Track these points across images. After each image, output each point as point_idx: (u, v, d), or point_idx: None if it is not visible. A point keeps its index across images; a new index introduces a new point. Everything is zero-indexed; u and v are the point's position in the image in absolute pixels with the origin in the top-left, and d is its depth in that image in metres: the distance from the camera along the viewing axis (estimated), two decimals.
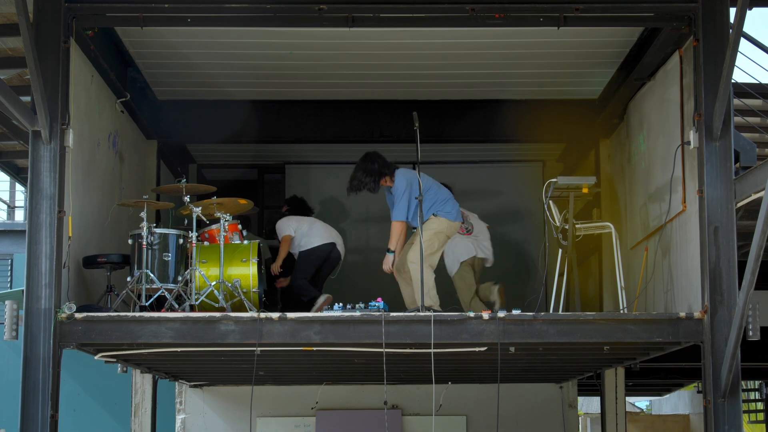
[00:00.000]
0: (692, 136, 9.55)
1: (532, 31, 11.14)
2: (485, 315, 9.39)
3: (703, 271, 9.28)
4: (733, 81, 9.48)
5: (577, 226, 11.18)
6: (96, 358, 10.45)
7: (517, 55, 12.05)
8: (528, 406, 15.73)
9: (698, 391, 25.21)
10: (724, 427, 9.07)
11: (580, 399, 23.86)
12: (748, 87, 12.11)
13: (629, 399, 37.32)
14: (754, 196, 9.06)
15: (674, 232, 10.30)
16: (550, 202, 11.16)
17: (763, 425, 24.23)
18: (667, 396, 35.10)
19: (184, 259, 10.56)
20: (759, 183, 8.87)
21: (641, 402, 44.73)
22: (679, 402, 36.44)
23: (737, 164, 9.59)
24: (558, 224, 11.23)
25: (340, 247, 13.43)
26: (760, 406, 24.22)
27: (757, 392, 23.98)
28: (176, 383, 15.50)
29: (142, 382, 13.60)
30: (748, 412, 25.11)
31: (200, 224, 10.87)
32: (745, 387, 23.94)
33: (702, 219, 9.35)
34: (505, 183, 16.35)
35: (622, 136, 12.55)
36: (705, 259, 9.26)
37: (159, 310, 10.19)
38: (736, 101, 11.47)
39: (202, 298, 10.31)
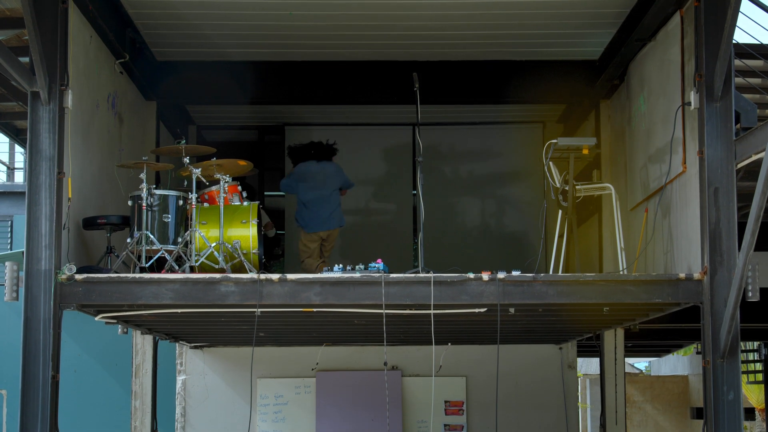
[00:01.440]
0: (693, 97, 9.53)
1: None
2: (485, 276, 9.40)
3: (702, 232, 9.28)
4: (734, 41, 9.44)
5: (577, 187, 11.17)
6: (96, 319, 10.47)
7: (518, 16, 12.00)
8: (527, 367, 15.78)
9: (697, 352, 25.35)
10: (722, 388, 9.10)
11: (580, 360, 23.95)
12: (749, 47, 12.06)
13: (628, 360, 37.45)
14: (754, 157, 9.05)
15: (674, 193, 10.29)
16: (551, 163, 11.14)
17: (762, 386, 24.34)
18: (666, 357, 35.23)
19: (183, 221, 10.56)
20: (759, 144, 8.86)
21: (640, 363, 44.90)
22: (678, 363, 36.56)
23: (738, 125, 9.57)
24: (558, 185, 11.22)
25: None
26: (759, 366, 24.30)
27: (756, 353, 24.05)
28: (177, 344, 15.55)
29: (142, 343, 13.63)
30: (747, 372, 25.21)
31: (200, 185, 10.86)
32: (744, 348, 24.01)
33: (702, 180, 9.34)
34: (505, 144, 16.33)
35: (622, 97, 12.52)
36: (705, 220, 9.25)
37: (159, 271, 10.20)
38: (737, 62, 11.42)
39: (202, 259, 10.31)
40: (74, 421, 16.85)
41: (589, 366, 36.29)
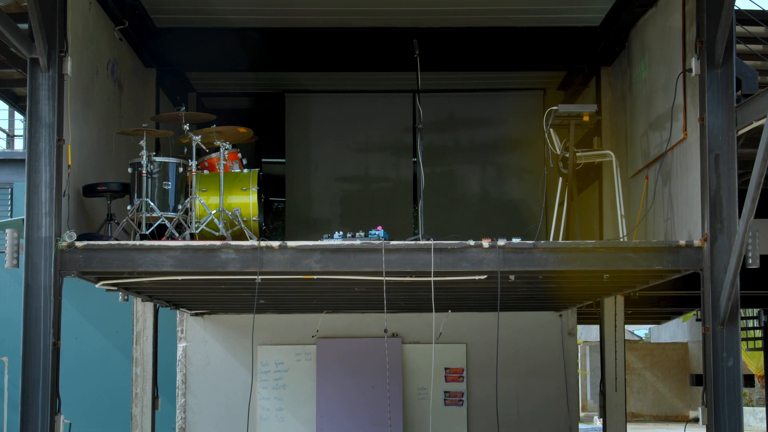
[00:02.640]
0: (694, 64, 9.50)
1: None
2: (485, 243, 9.40)
3: (703, 199, 9.27)
4: (735, 8, 9.40)
5: (577, 154, 11.16)
6: (97, 286, 10.48)
7: None
8: (527, 334, 15.82)
9: (697, 319, 25.38)
10: (722, 355, 9.12)
11: (580, 327, 24.01)
12: (750, 14, 12.01)
13: (628, 327, 37.54)
14: (755, 124, 9.03)
15: (675, 160, 10.28)
16: (551, 130, 11.13)
17: (762, 353, 24.40)
18: (666, 324, 35.32)
19: (184, 188, 10.55)
20: (760, 110, 8.84)
21: (640, 330, 45.02)
22: (677, 330, 36.68)
23: (739, 92, 9.54)
24: (558, 152, 11.21)
25: None
26: (758, 333, 24.34)
27: (755, 320, 24.09)
28: (177, 312, 15.58)
29: (143, 310, 13.65)
30: (747, 339, 25.26)
31: (200, 153, 10.85)
32: (743, 315, 24.04)
33: (703, 147, 9.33)
34: (505, 111, 16.30)
35: (623, 63, 12.48)
36: (705, 187, 9.25)
37: (159, 238, 10.21)
38: (738, 28, 11.38)
39: (203, 226, 10.32)
40: (75, 387, 16.90)
41: (589, 333, 36.40)
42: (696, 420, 14.67)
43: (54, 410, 8.93)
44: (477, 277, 9.73)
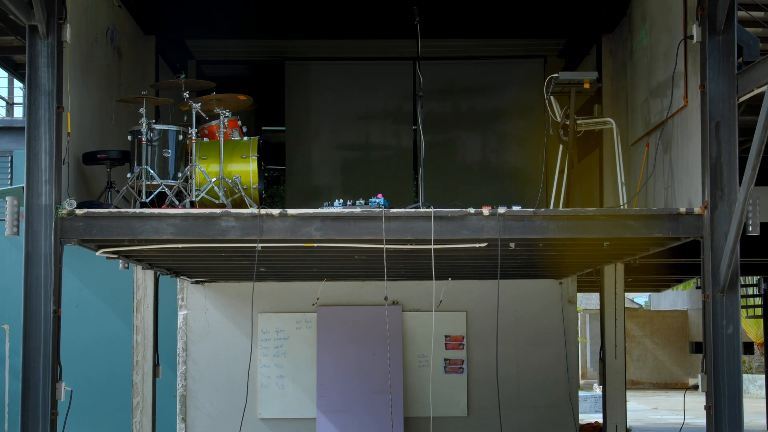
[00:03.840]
0: (695, 31, 9.46)
1: None
2: (485, 211, 9.39)
3: (703, 166, 9.26)
4: None
5: (578, 121, 11.14)
6: (97, 254, 10.48)
7: None
8: (528, 302, 15.85)
9: (697, 287, 25.41)
10: (722, 322, 9.13)
11: (580, 295, 24.05)
12: None
13: (628, 295, 37.61)
14: (756, 91, 9.01)
15: (675, 128, 10.26)
16: (551, 97, 11.10)
17: (761, 320, 24.44)
18: (666, 292, 35.38)
19: (184, 156, 10.54)
20: (761, 78, 8.81)
21: (640, 298, 45.08)
22: (677, 298, 36.74)
23: (740, 59, 9.50)
24: (559, 120, 11.19)
25: None
26: (758, 301, 24.38)
27: (755, 288, 24.12)
28: (177, 280, 15.60)
29: (143, 278, 13.67)
30: (746, 307, 25.31)
31: (200, 120, 10.83)
32: (743, 282, 24.08)
33: (703, 114, 9.30)
34: (506, 79, 16.27)
35: (624, 31, 12.44)
36: (706, 154, 9.23)
37: (159, 206, 10.20)
38: None
39: (203, 194, 10.32)
40: (76, 355, 16.95)
41: (588, 301, 36.46)
42: (695, 387, 14.67)
43: (55, 378, 8.95)
44: (477, 245, 9.73)
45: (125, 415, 14.74)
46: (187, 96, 10.58)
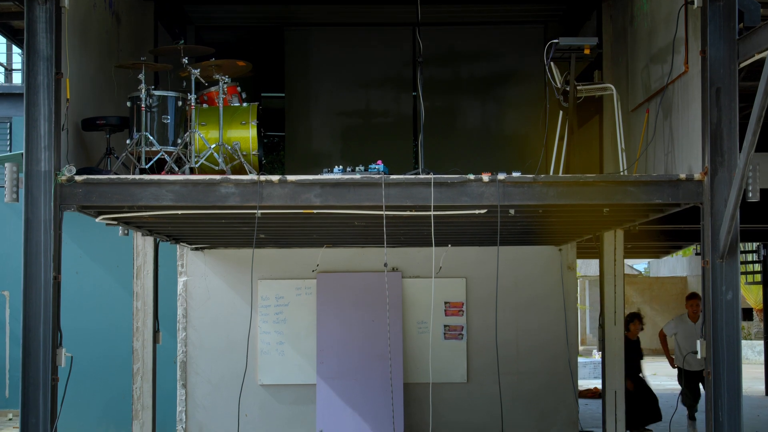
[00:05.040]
0: None
1: None
2: (485, 177, 9.38)
3: (704, 132, 9.24)
4: None
5: (578, 87, 11.11)
6: (97, 220, 10.48)
7: None
8: (527, 268, 15.86)
9: (696, 253, 25.42)
10: (721, 288, 9.14)
11: (579, 261, 24.06)
12: None
13: (628, 261, 37.66)
14: (757, 57, 8.98)
15: (676, 94, 10.24)
16: (552, 63, 11.06)
17: (760, 286, 24.48)
18: (666, 258, 35.39)
19: (183, 122, 10.52)
20: (762, 43, 8.78)
21: (639, 264, 45.14)
22: (677, 264, 36.78)
23: (741, 24, 9.47)
24: (559, 86, 11.16)
25: None
26: (757, 267, 24.41)
27: (755, 254, 24.15)
28: (177, 246, 15.61)
29: (143, 244, 13.66)
30: (746, 273, 25.34)
31: (199, 87, 10.80)
32: (743, 249, 24.11)
33: (704, 80, 9.28)
34: (506, 45, 16.22)
35: None
36: (706, 120, 9.21)
37: (159, 172, 10.19)
38: None
39: (202, 160, 10.31)
40: (76, 322, 16.98)
41: (588, 267, 36.49)
42: (695, 353, 14.72)
43: (55, 344, 8.97)
44: (477, 211, 9.72)
45: (125, 381, 14.78)
46: (186, 62, 10.55)
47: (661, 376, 26.29)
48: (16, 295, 18.75)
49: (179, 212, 9.91)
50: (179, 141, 10.39)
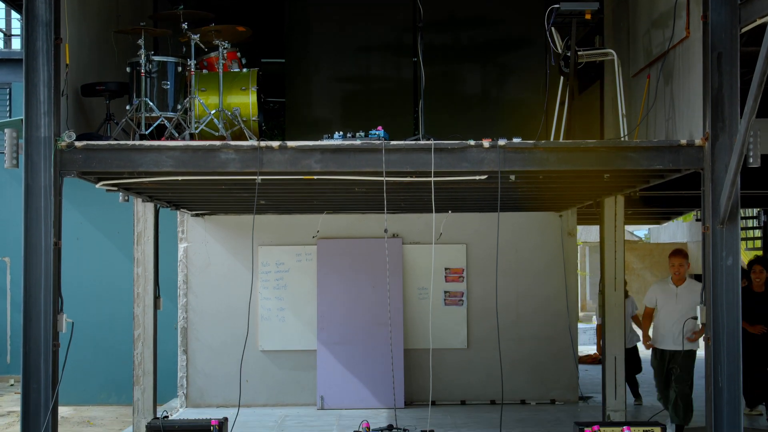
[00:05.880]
0: None
1: None
2: (486, 143, 9.36)
3: (705, 98, 9.22)
4: None
5: (579, 53, 11.07)
6: (97, 186, 10.47)
7: None
8: (528, 234, 15.87)
9: (697, 219, 25.43)
10: (721, 254, 9.14)
11: (579, 228, 24.08)
12: None
13: (628, 227, 37.67)
14: (758, 21, 8.93)
15: (677, 59, 10.20)
16: (552, 29, 11.01)
17: (761, 252, 24.49)
18: (666, 225, 35.39)
19: (183, 88, 10.50)
20: (764, 8, 8.74)
21: (640, 231, 45.15)
22: (677, 230, 36.79)
23: None
24: (560, 51, 11.12)
25: None
26: (758, 233, 24.43)
27: (755, 220, 24.16)
28: (178, 212, 15.61)
29: (143, 210, 13.65)
30: (746, 239, 25.35)
31: (199, 52, 10.76)
32: (743, 215, 24.11)
33: (705, 45, 9.24)
34: (506, 10, 16.14)
35: None
36: (707, 85, 9.18)
37: (159, 138, 10.17)
38: None
39: (202, 126, 10.29)
40: (77, 288, 17.02)
41: (588, 234, 36.50)
42: (694, 318, 14.75)
43: (56, 310, 8.98)
44: (477, 177, 9.71)
45: (126, 347, 14.82)
46: (186, 27, 10.51)
47: None
48: (17, 262, 18.77)
49: (179, 178, 9.90)
50: (179, 107, 10.37)
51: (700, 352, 11.05)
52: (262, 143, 9.32)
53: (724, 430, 9.08)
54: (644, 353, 14.61)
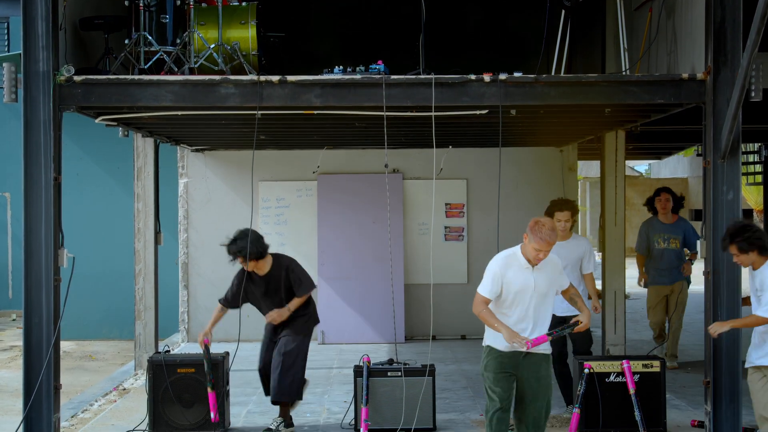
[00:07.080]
0: None
1: None
2: (487, 77, 9.31)
3: (707, 31, 9.16)
4: None
5: None
6: (96, 121, 10.45)
7: None
8: (528, 169, 15.87)
9: (698, 154, 25.38)
10: (722, 188, 9.13)
11: (580, 163, 24.06)
12: None
13: (629, 162, 37.63)
14: None
15: None
16: None
17: (761, 187, 24.48)
18: (667, 160, 35.36)
19: (182, 22, 10.43)
20: None
21: (640, 166, 45.13)
22: (678, 166, 36.78)
23: None
24: None
25: None
26: (758, 168, 24.39)
27: (756, 155, 24.10)
28: (178, 148, 15.59)
29: (143, 146, 13.63)
30: (747, 174, 25.33)
31: None
32: (744, 149, 24.05)
33: None
34: None
35: None
36: (710, 19, 9.12)
37: (158, 73, 10.13)
38: None
39: (201, 61, 10.25)
40: (77, 222, 17.04)
41: (589, 169, 36.50)
42: (695, 254, 14.83)
43: (57, 245, 8.99)
44: (478, 112, 9.68)
45: (128, 282, 14.86)
46: None
47: None
48: (17, 197, 18.77)
49: (179, 113, 9.87)
50: (178, 41, 10.32)
51: (699, 287, 11.02)
52: (262, 77, 9.28)
53: (723, 363, 9.14)
54: None
